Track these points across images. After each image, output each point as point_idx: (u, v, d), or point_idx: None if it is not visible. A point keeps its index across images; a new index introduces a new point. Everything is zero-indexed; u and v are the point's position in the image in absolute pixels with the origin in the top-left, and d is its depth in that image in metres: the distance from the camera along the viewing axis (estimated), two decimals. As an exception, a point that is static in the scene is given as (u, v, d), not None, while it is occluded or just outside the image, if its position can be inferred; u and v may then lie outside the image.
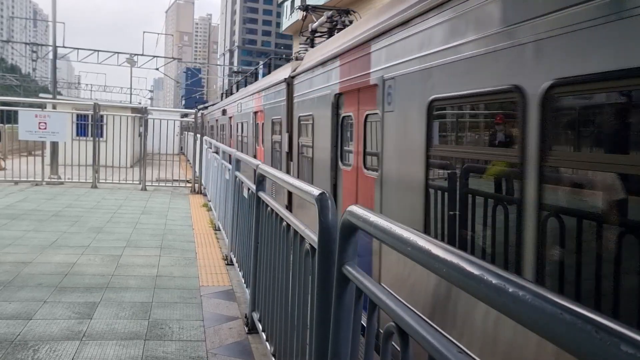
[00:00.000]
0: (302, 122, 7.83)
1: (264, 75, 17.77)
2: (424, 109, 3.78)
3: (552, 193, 2.44)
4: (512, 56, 2.69)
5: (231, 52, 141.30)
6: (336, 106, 6.13)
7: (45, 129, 13.47)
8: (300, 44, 9.52)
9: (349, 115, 5.78)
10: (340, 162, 6.12)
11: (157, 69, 36.52)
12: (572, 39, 2.25)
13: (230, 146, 13.71)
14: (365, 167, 5.28)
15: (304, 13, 11.27)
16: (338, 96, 6.07)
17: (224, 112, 19.82)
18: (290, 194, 8.11)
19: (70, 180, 14.66)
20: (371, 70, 4.93)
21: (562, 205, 2.44)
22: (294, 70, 8.43)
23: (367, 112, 5.21)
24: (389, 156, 4.47)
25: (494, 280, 1.00)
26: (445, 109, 3.73)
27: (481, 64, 3.03)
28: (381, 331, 1.63)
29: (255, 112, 12.17)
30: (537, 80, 2.46)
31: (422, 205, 3.79)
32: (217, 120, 23.33)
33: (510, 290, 0.95)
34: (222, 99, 28.18)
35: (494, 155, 3.06)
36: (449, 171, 3.61)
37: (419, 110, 3.86)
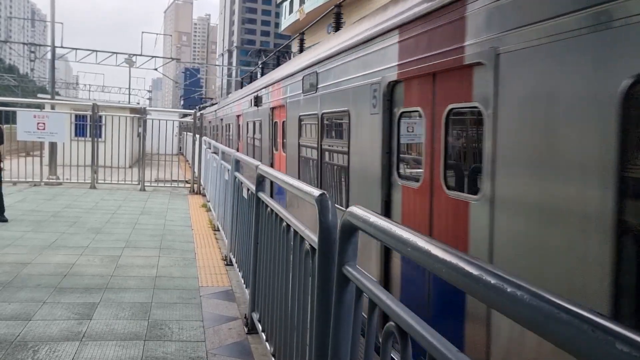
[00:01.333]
0: None
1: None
2: None
3: None
4: None
5: (230, 52, 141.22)
6: None
7: (43, 129, 13.47)
8: None
9: None
10: None
11: (155, 69, 36.45)
12: None
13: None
14: None
15: None
16: None
17: (256, 101, 10.84)
18: None
19: (68, 181, 14.66)
20: None
21: None
22: None
23: None
24: None
25: (493, 280, 1.02)
26: None
27: None
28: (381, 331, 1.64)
29: (399, 84, 4.33)
30: None
31: None
32: (239, 116, 13.98)
33: (509, 290, 0.96)
34: (241, 87, 17.40)
35: None
36: None
37: None
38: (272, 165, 9.23)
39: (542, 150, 2.53)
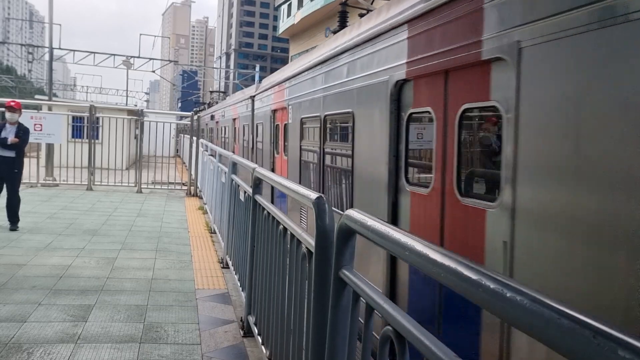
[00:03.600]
0: None
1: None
2: None
3: None
4: None
5: (227, 55, 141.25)
6: None
7: (41, 130, 13.41)
8: None
9: None
10: None
11: (153, 72, 36.36)
12: None
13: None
14: None
15: None
16: None
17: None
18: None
19: (65, 183, 14.60)
20: None
21: None
22: None
23: None
24: None
25: (492, 285, 1.01)
26: None
27: None
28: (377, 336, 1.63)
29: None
30: None
31: None
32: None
33: (508, 295, 0.95)
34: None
35: None
36: None
37: None
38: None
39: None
